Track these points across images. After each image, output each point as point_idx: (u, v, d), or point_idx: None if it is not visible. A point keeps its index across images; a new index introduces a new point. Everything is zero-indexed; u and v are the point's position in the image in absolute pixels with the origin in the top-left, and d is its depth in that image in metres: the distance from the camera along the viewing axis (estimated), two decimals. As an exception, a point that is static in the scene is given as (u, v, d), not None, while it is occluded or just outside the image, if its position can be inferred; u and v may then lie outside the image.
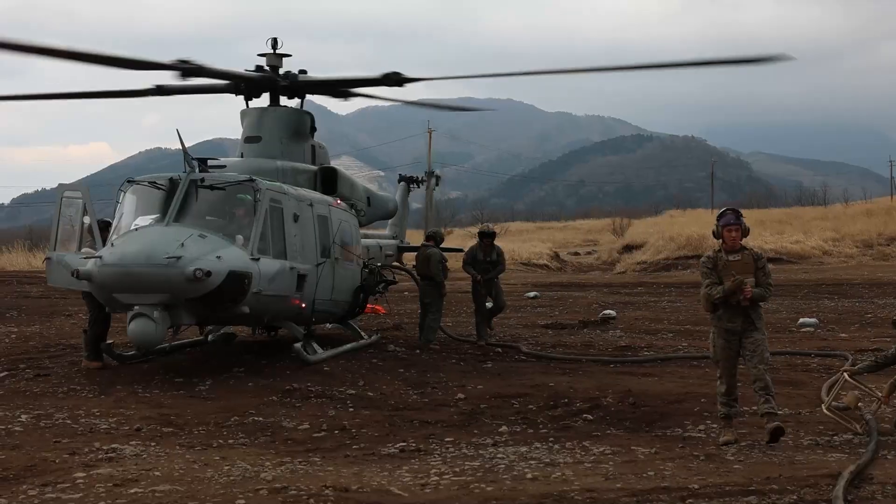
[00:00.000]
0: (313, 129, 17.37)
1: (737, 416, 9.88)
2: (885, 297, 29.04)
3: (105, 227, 14.87)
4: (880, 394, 10.19)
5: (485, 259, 18.09)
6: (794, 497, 7.46)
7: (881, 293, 30.62)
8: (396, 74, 16.14)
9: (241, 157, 16.48)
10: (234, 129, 17.45)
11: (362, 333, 17.29)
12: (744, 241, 9.90)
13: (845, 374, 10.56)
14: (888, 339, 14.58)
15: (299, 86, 16.94)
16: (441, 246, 18.46)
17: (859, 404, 10.32)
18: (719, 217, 9.95)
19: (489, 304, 18.26)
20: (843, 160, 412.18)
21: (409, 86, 16.37)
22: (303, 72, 17.03)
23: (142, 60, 14.67)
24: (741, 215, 9.88)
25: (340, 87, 17.56)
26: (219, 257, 12.87)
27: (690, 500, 7.41)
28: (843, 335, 19.27)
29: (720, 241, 9.89)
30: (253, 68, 16.73)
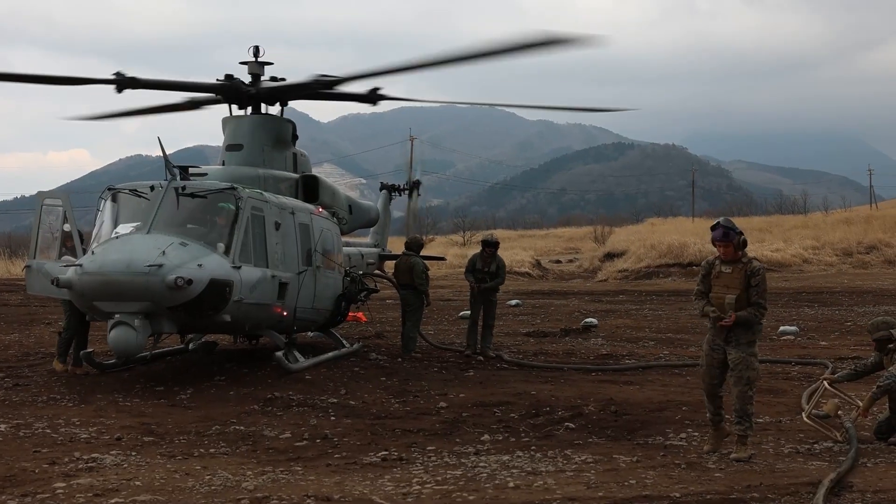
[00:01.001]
0: (295, 137, 17.37)
1: (721, 422, 9.73)
2: (865, 305, 29.21)
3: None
4: (860, 403, 10.24)
5: (483, 269, 17.70)
6: (775, 505, 7.50)
7: (861, 301, 30.80)
8: (376, 91, 16.63)
9: (223, 164, 16.45)
10: (215, 137, 17.49)
11: (344, 342, 17.27)
12: (747, 251, 9.75)
13: (825, 383, 10.61)
14: (867, 348, 14.66)
15: (281, 93, 16.93)
16: (421, 254, 18.38)
17: (839, 412, 10.37)
18: (712, 228, 9.62)
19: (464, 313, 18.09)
20: (822, 169, 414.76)
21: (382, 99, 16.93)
22: (281, 79, 17.03)
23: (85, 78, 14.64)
24: (731, 230, 9.46)
25: (322, 99, 17.59)
26: (200, 265, 12.85)
27: (672, 509, 7.44)
28: (823, 343, 19.37)
29: None
30: (232, 76, 16.71)
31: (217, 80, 16.70)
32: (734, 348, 9.48)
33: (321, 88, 16.59)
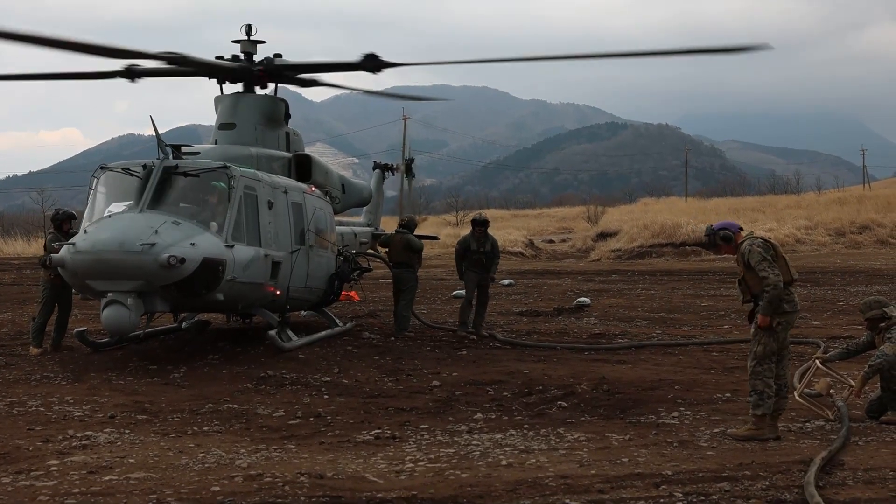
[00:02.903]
0: (288, 116, 17.31)
1: (768, 412, 9.36)
2: (857, 284, 29.27)
3: (66, 218, 15.10)
4: (852, 381, 10.27)
5: (478, 249, 17.49)
6: (767, 483, 7.53)
7: (853, 281, 30.86)
8: (374, 58, 15.98)
9: (215, 143, 16.40)
10: (207, 116, 17.39)
11: (337, 321, 17.26)
12: (752, 232, 9.86)
13: (817, 362, 10.63)
14: (859, 327, 14.74)
15: (275, 72, 16.86)
16: (415, 233, 18.31)
17: (831, 391, 10.40)
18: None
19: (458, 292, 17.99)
20: (815, 149, 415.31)
21: (384, 72, 16.32)
22: (277, 55, 16.97)
23: (124, 49, 14.45)
24: (709, 234, 9.86)
25: (317, 72, 17.45)
26: (193, 244, 12.84)
27: (664, 487, 7.46)
28: (816, 322, 19.43)
29: None
30: (226, 55, 16.67)
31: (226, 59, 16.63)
32: (752, 324, 9.63)
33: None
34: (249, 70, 16.59)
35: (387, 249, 18.01)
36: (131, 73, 16.07)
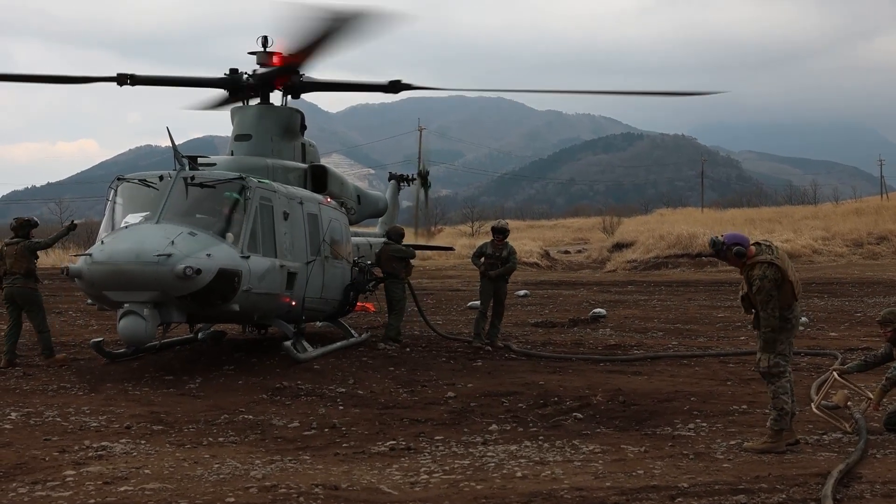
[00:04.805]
0: (303, 127, 17.38)
1: (785, 428, 9.40)
2: (875, 296, 29.12)
3: (34, 226, 15.52)
4: (870, 394, 10.21)
5: (493, 253, 17.36)
6: (784, 496, 7.48)
7: (871, 292, 30.71)
8: (398, 83, 16.89)
9: (232, 154, 16.47)
10: (224, 127, 17.51)
11: (352, 331, 17.29)
12: (760, 244, 9.78)
13: (835, 373, 10.57)
14: (877, 339, 14.65)
15: (300, 88, 17.03)
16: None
17: (849, 403, 10.34)
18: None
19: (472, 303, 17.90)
20: (832, 159, 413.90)
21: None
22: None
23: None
24: (720, 249, 9.66)
25: (343, 90, 17.80)
26: (209, 255, 12.87)
27: (680, 499, 7.43)
28: (833, 334, 19.31)
29: None
30: (241, 66, 16.79)
31: (224, 74, 16.78)
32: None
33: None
34: (269, 84, 16.71)
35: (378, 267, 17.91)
36: (135, 80, 16.44)
